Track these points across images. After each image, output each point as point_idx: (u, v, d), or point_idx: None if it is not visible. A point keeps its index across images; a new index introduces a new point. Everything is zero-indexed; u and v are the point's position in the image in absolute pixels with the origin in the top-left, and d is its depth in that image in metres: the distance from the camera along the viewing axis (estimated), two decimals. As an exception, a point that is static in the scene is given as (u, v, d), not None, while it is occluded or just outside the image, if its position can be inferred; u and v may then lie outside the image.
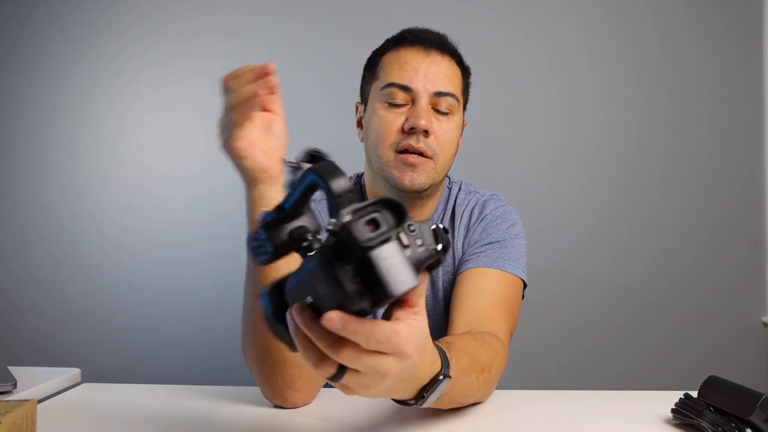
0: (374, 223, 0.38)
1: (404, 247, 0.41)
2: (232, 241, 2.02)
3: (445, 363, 0.56)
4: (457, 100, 0.91)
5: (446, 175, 1.02)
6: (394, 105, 0.89)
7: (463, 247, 0.96)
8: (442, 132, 0.89)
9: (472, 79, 1.01)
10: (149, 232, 2.05)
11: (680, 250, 1.98)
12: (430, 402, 0.55)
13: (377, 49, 0.97)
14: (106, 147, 2.08)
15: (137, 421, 0.72)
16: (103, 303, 2.04)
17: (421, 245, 0.42)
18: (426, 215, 0.99)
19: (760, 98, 1.99)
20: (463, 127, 0.99)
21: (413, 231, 0.42)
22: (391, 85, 0.89)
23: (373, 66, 0.96)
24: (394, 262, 0.38)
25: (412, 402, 0.55)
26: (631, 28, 2.00)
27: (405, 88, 0.88)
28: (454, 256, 0.96)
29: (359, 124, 0.99)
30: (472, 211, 0.98)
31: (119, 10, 2.08)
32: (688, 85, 2.00)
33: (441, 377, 0.54)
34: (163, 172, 2.06)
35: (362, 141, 0.97)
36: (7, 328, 2.06)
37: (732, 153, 1.99)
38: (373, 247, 0.37)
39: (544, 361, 1.95)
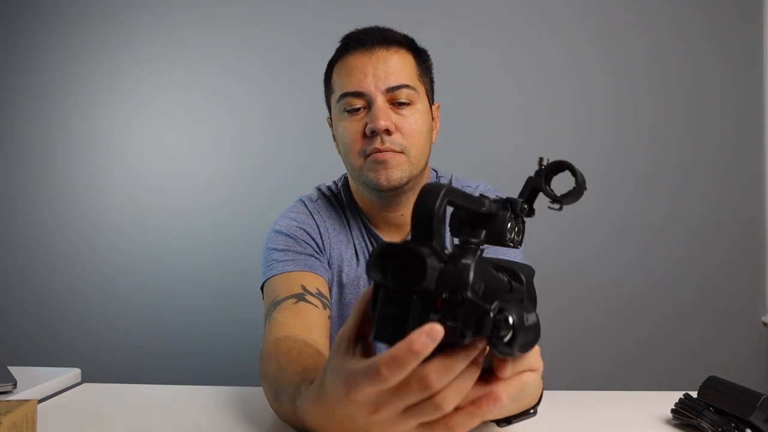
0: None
1: None
2: (232, 244, 2.03)
3: (541, 396, 0.59)
4: (414, 89, 0.89)
5: (432, 169, 1.01)
6: (352, 113, 0.89)
7: None
8: (407, 125, 0.88)
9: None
10: (149, 233, 2.05)
11: (680, 251, 1.97)
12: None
13: (329, 60, 0.96)
14: (108, 149, 2.08)
15: (137, 421, 0.72)
16: (103, 303, 2.05)
17: None
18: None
19: (761, 100, 1.99)
20: (437, 109, 0.98)
21: None
22: (345, 95, 0.89)
23: (328, 79, 0.96)
24: None
25: (504, 423, 0.56)
26: (645, 32, 2.00)
27: (358, 94, 0.88)
28: None
29: (334, 138, 0.98)
30: None
31: (123, 17, 2.08)
32: (694, 90, 1.99)
33: (532, 410, 0.57)
34: (163, 176, 2.06)
35: (339, 154, 0.96)
36: (7, 328, 2.06)
37: (732, 155, 1.99)
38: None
39: (543, 362, 1.94)
